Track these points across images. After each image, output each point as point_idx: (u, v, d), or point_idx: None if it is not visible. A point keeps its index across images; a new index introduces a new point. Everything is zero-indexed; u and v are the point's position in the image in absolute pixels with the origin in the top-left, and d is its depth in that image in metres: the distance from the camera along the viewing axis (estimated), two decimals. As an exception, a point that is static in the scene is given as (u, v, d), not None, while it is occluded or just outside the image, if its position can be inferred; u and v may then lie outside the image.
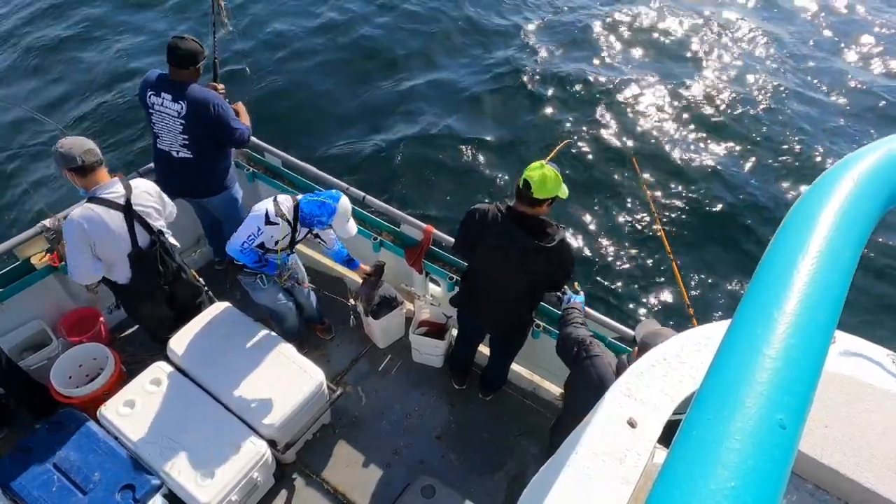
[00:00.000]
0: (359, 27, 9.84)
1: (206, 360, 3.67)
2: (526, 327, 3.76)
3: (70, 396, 3.62)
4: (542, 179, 2.96)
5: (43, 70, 8.82)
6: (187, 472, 3.18)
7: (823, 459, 1.19)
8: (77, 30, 9.56)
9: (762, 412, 0.60)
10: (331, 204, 3.52)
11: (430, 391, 4.37)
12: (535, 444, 4.09)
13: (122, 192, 3.33)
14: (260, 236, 3.52)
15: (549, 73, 9.10)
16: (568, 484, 1.10)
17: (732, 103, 8.75)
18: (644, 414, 1.20)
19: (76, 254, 3.32)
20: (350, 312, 4.37)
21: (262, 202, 3.57)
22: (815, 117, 8.62)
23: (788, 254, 0.75)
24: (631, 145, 7.95)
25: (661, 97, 8.81)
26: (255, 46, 9.24)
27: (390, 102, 8.50)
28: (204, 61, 3.94)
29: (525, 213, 3.12)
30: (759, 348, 0.66)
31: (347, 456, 3.96)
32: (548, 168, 2.98)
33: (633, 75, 9.19)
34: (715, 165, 7.73)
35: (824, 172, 0.90)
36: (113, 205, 3.30)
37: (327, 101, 8.40)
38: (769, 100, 8.87)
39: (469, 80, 8.94)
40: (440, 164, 7.61)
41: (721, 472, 0.56)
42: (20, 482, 3.08)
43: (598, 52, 9.74)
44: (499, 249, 3.20)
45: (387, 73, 8.96)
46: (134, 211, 3.36)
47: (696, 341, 1.36)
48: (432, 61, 9.28)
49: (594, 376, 2.73)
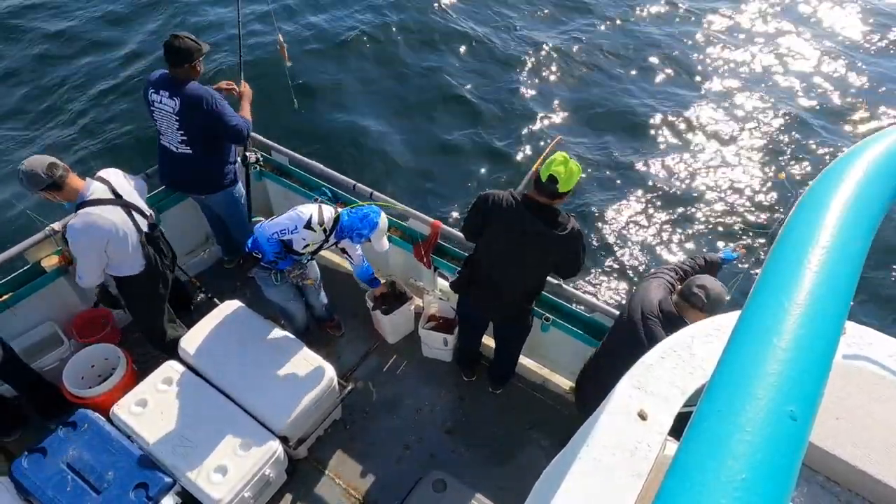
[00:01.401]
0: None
1: (218, 358, 3.69)
2: (525, 315, 3.76)
3: (82, 397, 3.65)
4: (569, 175, 3.01)
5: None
6: (200, 470, 3.20)
7: (835, 451, 1.19)
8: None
9: (773, 404, 0.60)
10: (373, 218, 3.59)
11: (439, 386, 4.37)
12: (545, 436, 4.09)
13: (105, 188, 3.40)
14: (293, 234, 3.55)
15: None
16: (579, 476, 1.10)
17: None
18: (654, 406, 1.20)
19: (88, 261, 3.39)
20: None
21: (308, 206, 3.63)
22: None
23: (798, 244, 0.75)
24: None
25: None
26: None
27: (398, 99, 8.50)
28: (202, 58, 3.95)
29: (540, 202, 3.16)
30: (770, 339, 0.65)
31: (358, 451, 3.98)
32: (573, 162, 3.03)
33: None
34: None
35: (833, 161, 0.89)
36: (107, 201, 3.35)
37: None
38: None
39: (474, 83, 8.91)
40: (448, 159, 7.61)
41: (732, 464, 0.56)
42: (35, 483, 3.11)
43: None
44: (511, 235, 3.23)
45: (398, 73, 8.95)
46: (127, 200, 3.46)
47: (706, 332, 1.35)
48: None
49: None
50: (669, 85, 9.05)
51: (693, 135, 8.14)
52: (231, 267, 5.08)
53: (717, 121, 8.35)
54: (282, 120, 6.71)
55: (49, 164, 3.18)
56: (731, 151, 7.87)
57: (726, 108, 8.56)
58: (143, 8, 9.92)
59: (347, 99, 8.44)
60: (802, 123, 8.27)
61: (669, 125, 8.25)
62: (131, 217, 3.48)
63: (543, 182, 3.06)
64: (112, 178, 3.49)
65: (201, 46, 3.93)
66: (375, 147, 7.70)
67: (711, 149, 7.92)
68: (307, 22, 9.77)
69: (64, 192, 3.27)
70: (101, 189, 3.38)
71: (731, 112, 8.51)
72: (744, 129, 8.22)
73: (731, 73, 9.28)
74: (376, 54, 9.26)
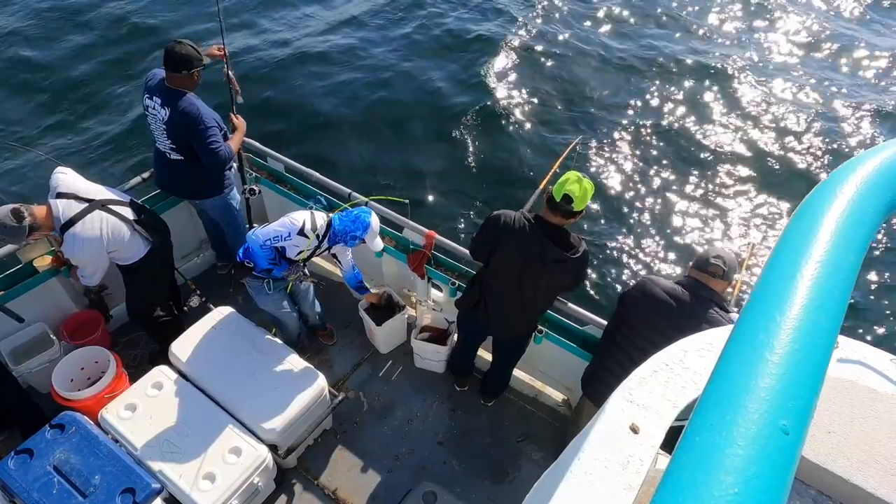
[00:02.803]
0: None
1: (208, 364, 3.67)
2: (531, 334, 3.80)
3: (71, 399, 3.62)
4: (583, 194, 3.01)
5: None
6: (188, 477, 3.17)
7: (827, 465, 1.19)
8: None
9: (765, 418, 0.60)
10: (364, 218, 3.59)
11: (431, 396, 4.36)
12: (537, 449, 4.07)
13: (71, 201, 3.36)
14: (286, 241, 3.55)
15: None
16: (570, 489, 1.10)
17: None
18: (646, 420, 1.20)
19: (93, 266, 3.54)
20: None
21: (300, 213, 3.62)
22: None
23: (791, 258, 0.75)
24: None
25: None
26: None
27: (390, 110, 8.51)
28: (200, 68, 3.90)
29: (554, 223, 3.17)
30: (762, 353, 0.65)
31: (349, 461, 3.95)
32: (586, 181, 3.03)
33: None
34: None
35: (827, 176, 0.90)
36: (83, 212, 3.36)
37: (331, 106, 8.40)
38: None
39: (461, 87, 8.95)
40: (443, 169, 7.62)
41: (724, 478, 0.56)
42: (20, 484, 3.08)
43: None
44: (525, 259, 3.22)
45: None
46: (98, 199, 3.47)
47: (698, 346, 1.35)
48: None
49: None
50: (668, 80, 9.12)
51: (687, 140, 8.19)
52: (224, 273, 5.08)
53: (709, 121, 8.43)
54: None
55: (11, 211, 3.16)
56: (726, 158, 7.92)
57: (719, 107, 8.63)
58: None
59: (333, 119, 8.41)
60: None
61: (666, 124, 8.30)
62: (112, 213, 3.50)
63: (558, 202, 3.06)
64: (72, 186, 3.43)
65: (202, 57, 3.90)
66: (359, 160, 7.72)
67: (706, 156, 7.96)
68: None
69: (44, 227, 3.30)
70: (69, 205, 3.34)
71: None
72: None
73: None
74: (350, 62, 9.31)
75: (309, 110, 8.28)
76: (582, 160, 7.60)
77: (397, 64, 9.23)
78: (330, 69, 9.07)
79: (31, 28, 9.51)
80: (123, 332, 4.59)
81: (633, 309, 3.24)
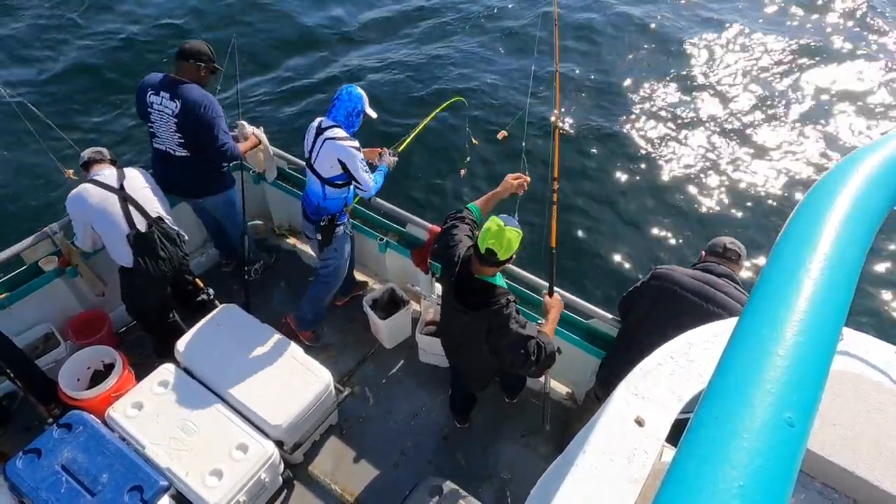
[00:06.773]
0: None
1: (214, 361, 3.68)
2: (489, 381, 3.60)
3: (78, 398, 3.64)
4: (507, 245, 2.85)
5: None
6: (195, 474, 3.19)
7: (832, 457, 1.19)
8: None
9: (771, 410, 0.60)
10: (350, 90, 3.70)
11: (436, 391, 4.37)
12: (542, 443, 4.08)
13: (114, 176, 3.70)
14: (360, 151, 3.67)
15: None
16: (576, 483, 1.10)
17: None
18: (652, 412, 1.20)
19: (77, 226, 3.76)
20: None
21: (343, 140, 3.63)
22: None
23: (796, 251, 0.75)
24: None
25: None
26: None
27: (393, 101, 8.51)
28: (207, 64, 3.97)
29: (484, 271, 3.01)
30: (768, 346, 0.65)
31: (355, 456, 3.97)
32: (508, 230, 2.83)
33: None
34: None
35: (830, 168, 0.89)
36: (106, 186, 3.64)
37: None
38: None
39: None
40: (445, 164, 7.61)
41: (729, 471, 0.56)
42: (29, 484, 3.09)
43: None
44: (453, 310, 3.15)
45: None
46: (127, 194, 3.67)
47: (703, 339, 1.36)
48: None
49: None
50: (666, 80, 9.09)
51: (686, 132, 8.16)
52: (229, 270, 5.09)
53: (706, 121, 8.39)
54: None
55: (91, 150, 3.85)
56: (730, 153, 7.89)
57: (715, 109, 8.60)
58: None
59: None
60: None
61: (663, 126, 8.27)
62: (125, 209, 3.63)
63: (483, 255, 2.89)
64: (128, 173, 3.79)
65: (214, 59, 3.99)
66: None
67: (703, 146, 7.93)
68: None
69: (89, 172, 3.78)
70: (109, 175, 3.72)
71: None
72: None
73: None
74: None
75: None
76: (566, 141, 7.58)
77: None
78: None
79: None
80: (129, 331, 4.61)
81: (658, 299, 3.20)
